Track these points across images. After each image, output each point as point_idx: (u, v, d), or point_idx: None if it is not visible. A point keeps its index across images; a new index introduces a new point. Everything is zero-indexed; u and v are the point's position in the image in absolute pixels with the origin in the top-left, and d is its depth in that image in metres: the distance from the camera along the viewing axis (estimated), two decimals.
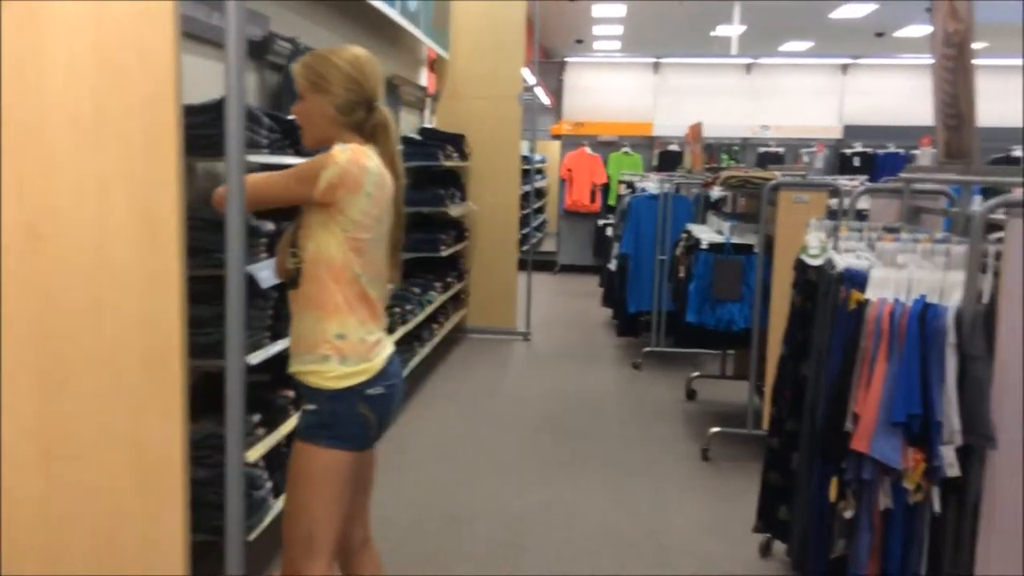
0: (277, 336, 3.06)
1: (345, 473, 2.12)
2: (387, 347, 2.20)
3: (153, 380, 1.76)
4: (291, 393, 3.23)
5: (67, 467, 1.80)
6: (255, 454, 2.80)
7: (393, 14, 5.21)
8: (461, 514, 3.78)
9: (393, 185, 2.18)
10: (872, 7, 12.21)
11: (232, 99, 1.92)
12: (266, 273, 2.81)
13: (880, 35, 14.00)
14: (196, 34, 3.07)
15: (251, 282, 2.75)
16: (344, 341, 2.08)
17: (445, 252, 6.27)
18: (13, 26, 1.86)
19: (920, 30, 13.19)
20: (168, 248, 1.80)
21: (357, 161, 2.08)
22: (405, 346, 5.13)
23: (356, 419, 2.10)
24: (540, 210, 13.49)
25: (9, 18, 1.85)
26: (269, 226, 2.98)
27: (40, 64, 1.87)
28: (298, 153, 3.36)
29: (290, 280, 2.15)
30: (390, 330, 4.74)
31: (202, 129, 2.64)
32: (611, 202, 11.07)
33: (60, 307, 1.83)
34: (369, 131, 2.18)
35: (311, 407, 2.11)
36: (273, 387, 3.18)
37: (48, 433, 1.81)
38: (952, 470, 2.08)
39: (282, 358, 3.21)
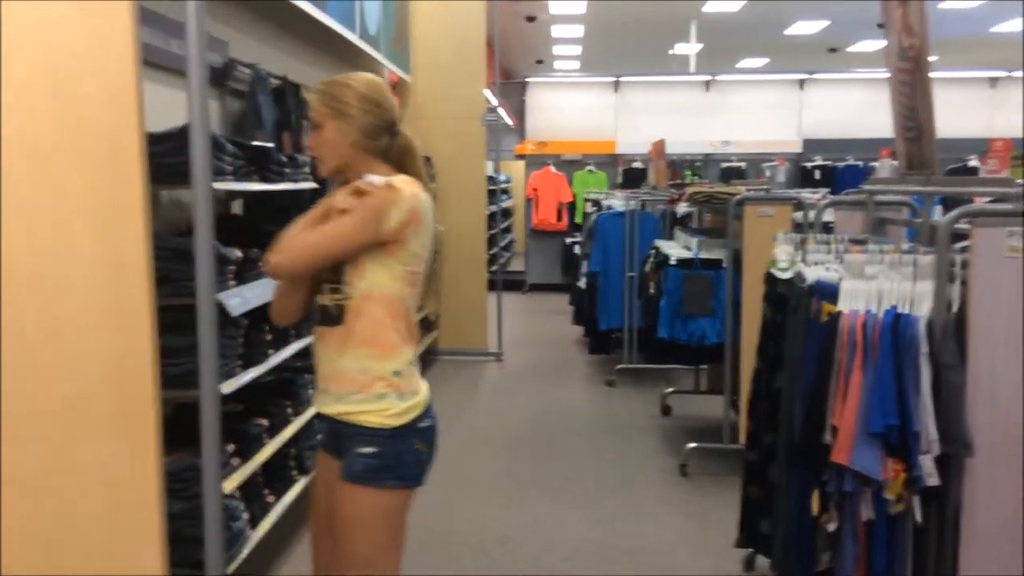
0: (249, 364, 3.01)
1: (405, 512, 2.08)
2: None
3: (125, 415, 1.71)
4: (265, 422, 3.17)
5: (37, 510, 1.74)
6: (231, 484, 2.74)
7: (353, 38, 5.20)
8: (438, 535, 3.73)
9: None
10: (824, 24, 12.48)
11: (196, 127, 1.89)
12: (236, 301, 2.77)
13: (833, 50, 14.32)
14: (154, 61, 3.03)
15: (221, 310, 2.70)
16: (400, 378, 2.02)
17: None
18: None
19: (872, 45, 13.51)
20: (136, 279, 1.76)
21: (417, 194, 2.02)
22: None
23: (414, 455, 2.04)
24: (507, 230, 13.50)
25: None
26: (237, 253, 2.94)
27: None
28: (264, 179, 3.33)
29: (329, 318, 2.03)
30: None
31: (165, 157, 2.60)
32: (578, 220, 11.11)
33: (22, 345, 1.77)
34: (395, 156, 2.12)
35: (369, 449, 1.99)
36: (246, 416, 3.12)
37: (15, 476, 1.75)
38: (932, 479, 2.10)
39: (255, 386, 3.16)
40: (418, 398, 2.05)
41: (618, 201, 7.37)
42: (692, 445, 4.60)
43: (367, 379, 2.00)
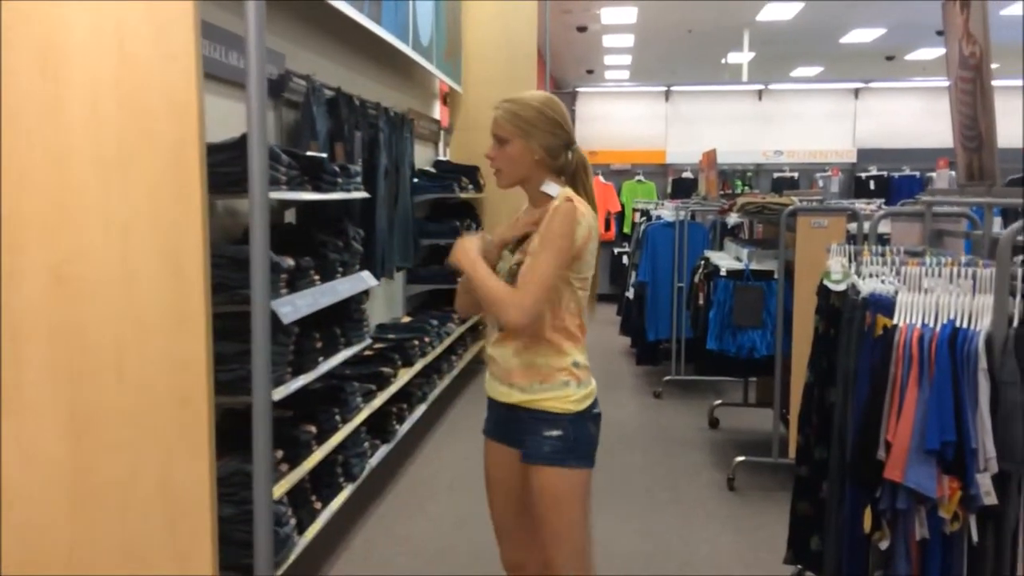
0: (298, 371, 3.05)
1: (589, 490, 2.27)
2: None
3: (181, 419, 1.76)
4: (313, 428, 3.22)
5: (95, 509, 1.79)
6: (279, 490, 2.78)
7: (406, 49, 5.26)
8: (485, 546, 3.73)
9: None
10: (881, 31, 12.26)
11: (255, 140, 1.94)
12: (287, 309, 2.81)
13: (890, 59, 14.05)
14: (212, 73, 3.10)
15: (273, 318, 2.75)
16: (578, 368, 2.23)
17: None
18: (36, 69, 1.89)
19: (930, 53, 13.23)
20: (194, 287, 1.80)
21: (589, 211, 2.21)
22: (424, 378, 5.12)
23: (590, 438, 2.27)
24: None
25: (32, 61, 1.88)
26: (289, 262, 2.99)
27: (63, 106, 1.90)
28: (316, 189, 3.38)
29: None
30: (408, 363, 4.74)
31: (222, 167, 2.66)
32: (626, 230, 11.07)
33: (86, 349, 1.83)
34: (571, 172, 2.27)
35: (555, 432, 2.20)
36: (295, 423, 3.17)
37: (76, 475, 1.81)
38: (989, 498, 2.03)
39: (304, 393, 3.21)
40: (592, 387, 2.28)
41: (668, 211, 7.32)
42: (740, 459, 4.54)
43: (551, 370, 2.20)
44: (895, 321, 2.27)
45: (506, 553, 2.41)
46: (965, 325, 2.17)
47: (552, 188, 2.23)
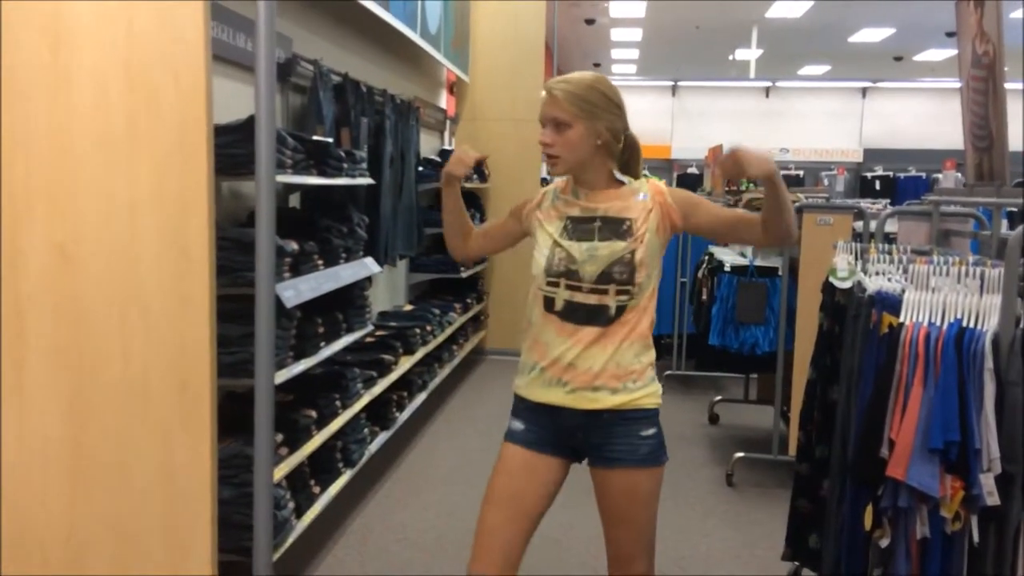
0: (300, 356, 3.05)
1: None
2: None
3: (183, 401, 1.75)
4: (313, 413, 3.21)
5: (96, 489, 1.79)
6: (278, 474, 2.78)
7: (414, 36, 5.24)
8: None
9: None
10: (890, 31, 12.22)
11: (263, 123, 1.93)
12: (290, 293, 2.80)
13: (899, 59, 14.00)
14: (219, 55, 3.09)
15: (276, 302, 2.75)
16: (652, 362, 2.19)
17: (465, 273, 6.26)
18: (45, 48, 1.88)
19: (938, 54, 13.18)
20: (199, 268, 1.80)
21: None
22: (425, 367, 5.11)
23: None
24: None
25: (41, 40, 1.87)
26: (293, 246, 2.98)
27: (71, 86, 1.89)
28: (322, 174, 3.37)
29: (600, 317, 2.08)
30: (409, 351, 4.73)
31: (228, 149, 2.65)
32: None
33: (90, 329, 1.82)
34: (625, 156, 2.19)
35: (651, 431, 2.14)
36: (295, 407, 3.16)
37: (76, 455, 1.80)
38: (991, 499, 2.03)
39: (305, 378, 3.20)
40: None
41: None
42: (740, 455, 4.53)
43: (642, 366, 2.13)
44: (902, 319, 2.26)
45: (483, 568, 2.15)
46: (972, 325, 2.16)
47: (623, 177, 2.16)
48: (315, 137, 3.50)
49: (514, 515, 2.14)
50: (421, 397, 4.93)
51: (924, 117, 11.62)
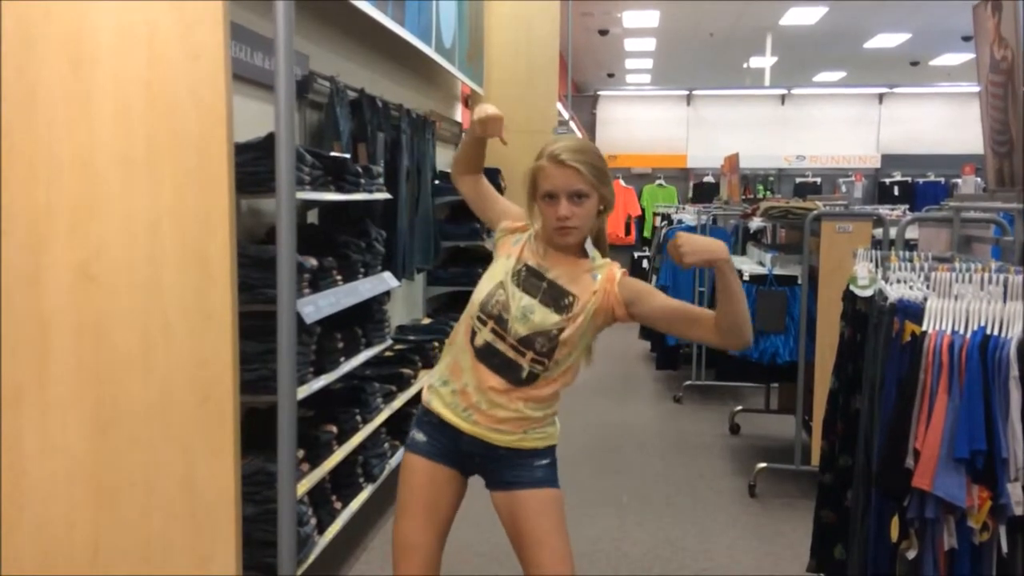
0: (320, 371, 3.06)
1: None
2: None
3: (205, 418, 1.76)
4: (334, 429, 3.22)
5: (119, 506, 1.80)
6: (300, 490, 2.78)
7: (429, 51, 5.26)
8: (502, 547, 3.72)
9: None
10: (905, 36, 12.15)
11: (282, 142, 1.94)
12: (310, 308, 2.82)
13: (915, 64, 13.92)
14: (238, 74, 3.11)
15: (297, 318, 2.76)
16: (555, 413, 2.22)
17: None
18: (66, 67, 1.90)
19: (955, 58, 13.10)
20: (220, 286, 1.81)
21: None
22: None
23: None
24: None
25: (62, 60, 1.89)
26: (312, 262, 2.99)
27: (92, 105, 1.91)
28: (339, 190, 3.38)
29: (517, 377, 2.10)
30: (428, 365, 4.73)
31: (247, 167, 2.67)
32: (646, 234, 11.03)
33: (112, 347, 1.84)
34: (604, 230, 2.20)
35: (546, 460, 2.18)
36: (316, 423, 3.17)
37: (100, 472, 1.81)
38: (1020, 508, 2.00)
39: (325, 393, 3.21)
40: None
41: (690, 215, 7.29)
42: (762, 465, 4.50)
43: (545, 415, 2.16)
44: (924, 327, 2.24)
45: (412, 569, 2.20)
46: (996, 332, 2.13)
47: (590, 249, 2.15)
48: (332, 153, 3.52)
49: (429, 525, 2.18)
50: None
51: (942, 122, 11.52)
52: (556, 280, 2.10)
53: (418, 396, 4.46)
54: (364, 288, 3.47)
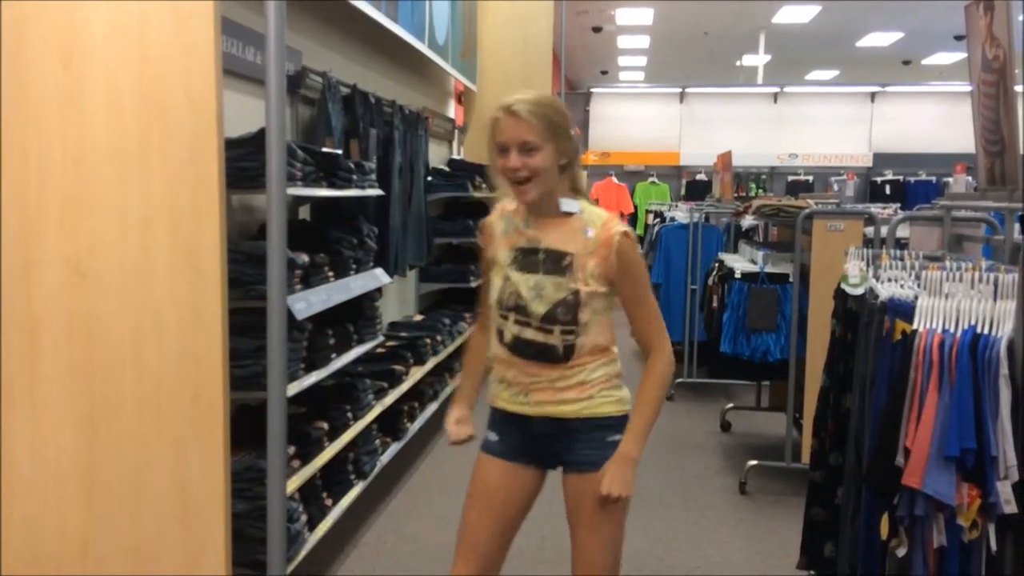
0: (311, 368, 3.05)
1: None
2: None
3: (196, 414, 1.76)
4: (325, 425, 3.21)
5: (109, 503, 1.79)
6: (291, 486, 2.78)
7: (422, 47, 5.26)
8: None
9: None
10: (898, 36, 12.19)
11: (273, 137, 1.93)
12: (301, 305, 2.81)
13: (907, 63, 13.96)
14: (230, 69, 3.10)
15: (287, 314, 2.75)
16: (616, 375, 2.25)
17: (475, 283, 6.26)
18: (57, 62, 1.89)
19: (947, 57, 13.14)
20: (211, 282, 1.80)
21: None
22: (435, 376, 5.11)
23: None
24: None
25: (54, 55, 1.88)
26: (304, 258, 2.98)
27: (83, 100, 1.90)
28: (331, 185, 3.37)
29: (555, 356, 2.13)
30: (420, 361, 4.73)
31: (239, 162, 2.66)
32: (639, 232, 11.04)
33: (103, 343, 1.83)
34: (579, 182, 2.16)
35: (618, 437, 2.14)
36: (307, 419, 3.16)
37: (90, 469, 1.81)
38: (1009, 506, 2.01)
39: (317, 390, 3.21)
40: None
41: (681, 213, 7.30)
42: (753, 463, 4.51)
43: (605, 376, 2.20)
44: (915, 326, 2.25)
45: (467, 569, 2.20)
46: (986, 331, 2.14)
47: (572, 204, 2.09)
48: (324, 149, 3.51)
49: (494, 523, 2.20)
50: (432, 407, 4.92)
51: (933, 121, 11.57)
52: (551, 247, 2.11)
53: (410, 392, 4.47)
54: (356, 284, 3.46)
